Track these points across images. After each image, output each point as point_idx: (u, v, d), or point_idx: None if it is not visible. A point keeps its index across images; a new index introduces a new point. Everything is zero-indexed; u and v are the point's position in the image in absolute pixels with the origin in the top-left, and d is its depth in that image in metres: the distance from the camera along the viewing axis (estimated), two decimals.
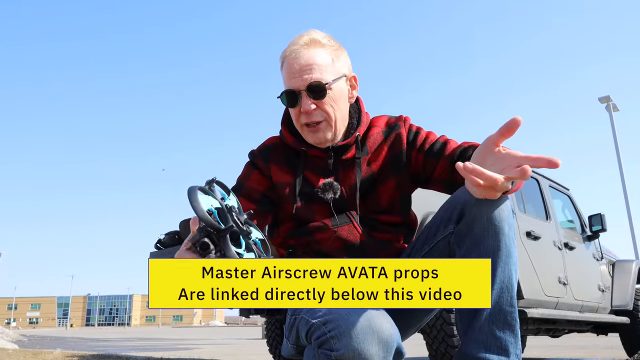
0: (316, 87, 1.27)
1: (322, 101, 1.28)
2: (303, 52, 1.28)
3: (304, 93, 1.27)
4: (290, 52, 1.29)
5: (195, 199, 0.88)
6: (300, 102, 1.28)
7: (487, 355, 1.11)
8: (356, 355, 0.96)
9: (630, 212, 14.03)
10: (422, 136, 1.37)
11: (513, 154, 1.02)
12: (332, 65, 1.30)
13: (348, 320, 0.98)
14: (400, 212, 1.37)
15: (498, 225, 1.13)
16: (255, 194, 1.34)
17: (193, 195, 0.89)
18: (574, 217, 4.61)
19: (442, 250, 1.21)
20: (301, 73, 1.27)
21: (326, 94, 1.28)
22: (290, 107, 1.31)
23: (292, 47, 1.30)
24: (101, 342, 13.29)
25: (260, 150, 1.41)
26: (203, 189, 0.95)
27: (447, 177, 1.31)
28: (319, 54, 1.29)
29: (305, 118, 1.30)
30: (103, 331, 39.73)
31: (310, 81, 1.27)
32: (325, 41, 1.32)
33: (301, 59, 1.28)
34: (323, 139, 1.31)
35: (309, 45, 1.30)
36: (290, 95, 1.29)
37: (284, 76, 1.32)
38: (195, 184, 0.94)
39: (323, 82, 1.27)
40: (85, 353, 5.89)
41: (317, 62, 1.28)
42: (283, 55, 1.32)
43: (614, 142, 14.93)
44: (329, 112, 1.30)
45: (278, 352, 4.17)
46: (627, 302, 4.51)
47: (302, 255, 1.34)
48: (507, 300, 1.13)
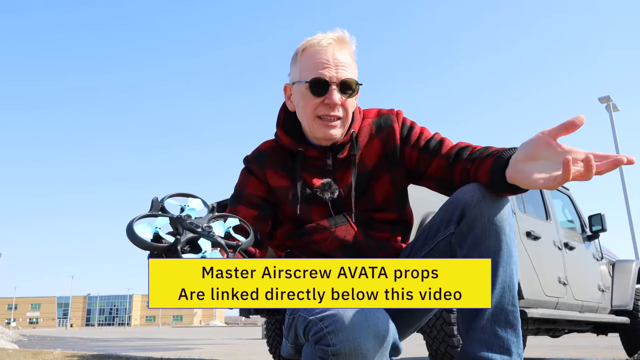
0: (350, 84, 1.28)
1: (347, 100, 1.29)
2: (337, 47, 1.29)
3: (335, 86, 1.27)
4: (323, 42, 1.29)
5: (131, 233, 0.89)
6: (328, 92, 1.27)
7: (490, 354, 1.11)
8: (352, 350, 0.97)
9: (630, 212, 14.04)
10: (416, 131, 1.36)
11: (576, 150, 1.00)
12: (355, 71, 1.33)
13: (344, 316, 0.99)
14: (396, 209, 1.37)
15: (499, 225, 1.14)
16: (256, 200, 1.33)
17: (129, 231, 0.89)
18: (574, 217, 4.61)
19: (442, 251, 1.21)
20: (337, 66, 1.27)
21: (354, 95, 1.30)
22: (315, 95, 1.28)
23: (327, 39, 1.29)
24: (101, 342, 13.29)
25: (254, 156, 1.39)
26: (147, 215, 0.95)
27: (442, 175, 1.31)
28: (349, 56, 1.32)
29: (324, 110, 1.28)
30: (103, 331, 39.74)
31: (347, 77, 1.28)
32: (353, 47, 1.34)
33: (337, 53, 1.29)
34: (333, 136, 1.30)
35: (342, 43, 1.31)
36: (321, 83, 1.27)
37: (310, 64, 1.29)
38: (136, 215, 0.94)
39: (357, 82, 1.30)
40: (85, 353, 5.89)
41: (349, 63, 1.30)
42: (308, 44, 1.31)
43: (614, 142, 14.94)
44: (348, 111, 1.31)
45: (278, 352, 4.17)
46: (627, 302, 4.51)
47: (300, 256, 1.34)
48: (508, 299, 1.13)
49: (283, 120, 1.40)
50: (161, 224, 0.95)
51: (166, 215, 0.96)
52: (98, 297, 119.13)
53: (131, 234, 0.89)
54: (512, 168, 1.08)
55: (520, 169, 1.06)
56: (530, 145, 1.05)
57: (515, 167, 1.07)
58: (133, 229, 0.90)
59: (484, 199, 1.14)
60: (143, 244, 0.89)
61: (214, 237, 0.95)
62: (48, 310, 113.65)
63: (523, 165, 1.06)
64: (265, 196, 1.34)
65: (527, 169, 1.05)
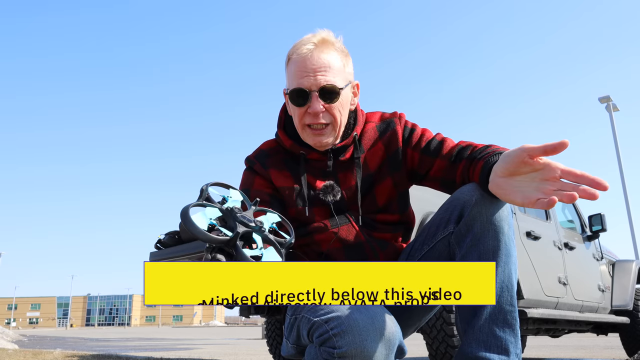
0: (330, 90, 1.25)
1: (332, 105, 1.27)
2: (317, 52, 1.26)
3: (315, 94, 1.25)
4: (302, 49, 1.26)
5: (190, 222, 0.85)
6: (309, 102, 1.26)
7: (488, 354, 1.11)
8: (359, 353, 0.97)
9: (630, 212, 14.03)
10: (417, 133, 1.36)
11: (553, 166, 0.98)
12: (343, 70, 1.29)
13: (350, 318, 0.98)
14: (398, 210, 1.37)
15: (498, 224, 1.14)
16: (266, 197, 1.31)
17: (186, 218, 0.86)
18: (574, 217, 4.61)
19: (441, 251, 1.21)
20: (315, 73, 1.24)
21: (338, 99, 1.27)
22: (297, 105, 1.27)
23: (304, 45, 1.27)
24: (101, 342, 13.29)
25: (256, 156, 1.38)
26: (198, 204, 0.92)
27: (444, 175, 1.31)
28: (333, 57, 1.27)
29: (310, 119, 1.27)
30: (103, 331, 39.73)
31: (325, 83, 1.25)
32: (337, 45, 1.30)
33: (315, 59, 1.25)
34: (325, 143, 1.30)
35: (323, 45, 1.27)
36: (301, 93, 1.26)
37: (292, 73, 1.28)
38: (189, 202, 0.91)
39: (337, 87, 1.26)
40: (85, 353, 5.89)
41: (332, 65, 1.26)
42: (292, 51, 1.29)
43: (614, 142, 14.93)
44: (336, 116, 1.28)
45: (278, 352, 4.16)
46: (627, 302, 4.51)
47: (302, 256, 1.34)
48: (507, 299, 1.13)
49: (284, 121, 1.39)
50: (212, 214, 0.91)
51: (215, 206, 0.93)
52: (98, 297, 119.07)
53: (191, 224, 0.86)
54: (492, 182, 1.09)
55: (500, 185, 1.06)
56: (510, 162, 1.04)
57: (495, 181, 1.08)
58: (191, 218, 0.86)
59: (482, 199, 1.14)
60: (204, 236, 0.86)
61: (264, 233, 0.94)
62: (48, 310, 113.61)
63: (502, 181, 1.06)
64: (273, 193, 1.33)
65: (506, 186, 1.05)
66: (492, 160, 1.11)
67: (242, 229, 0.91)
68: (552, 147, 0.96)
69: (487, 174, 1.11)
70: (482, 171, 1.13)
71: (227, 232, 0.89)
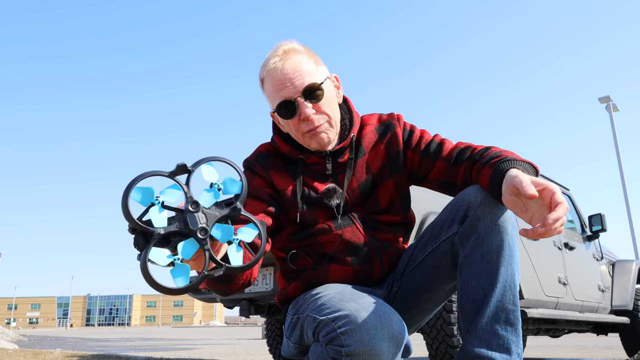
0: (311, 88, 1.26)
1: (320, 103, 1.27)
2: (286, 62, 1.27)
3: (301, 99, 1.25)
4: (270, 65, 1.27)
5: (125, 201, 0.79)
6: (299, 109, 1.26)
7: (490, 353, 1.11)
8: (367, 351, 0.97)
9: (630, 212, 14.04)
10: (416, 135, 1.37)
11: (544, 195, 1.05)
12: (315, 69, 1.30)
13: (358, 316, 0.99)
14: (400, 211, 1.37)
15: (502, 225, 1.14)
16: (264, 195, 1.31)
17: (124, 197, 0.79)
18: (574, 217, 4.61)
19: (445, 251, 1.22)
20: (292, 81, 1.25)
21: (323, 95, 1.28)
22: (288, 118, 1.27)
23: (272, 61, 1.28)
24: (101, 342, 13.29)
25: (255, 158, 1.37)
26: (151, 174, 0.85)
27: (444, 178, 1.32)
28: (301, 60, 1.28)
29: (306, 126, 1.27)
30: (103, 331, 39.73)
31: (305, 85, 1.25)
32: (301, 48, 1.31)
33: (287, 68, 1.26)
34: (327, 140, 1.30)
35: (288, 54, 1.28)
36: (288, 105, 1.26)
37: (270, 90, 1.29)
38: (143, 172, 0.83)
39: (317, 83, 1.26)
40: (85, 353, 5.88)
41: (303, 67, 1.27)
42: (264, 71, 1.29)
43: (614, 142, 14.94)
44: (327, 113, 1.29)
45: (278, 352, 4.17)
46: (627, 302, 4.51)
47: (305, 256, 1.33)
48: (509, 298, 1.14)
49: (278, 128, 1.39)
50: (169, 199, 0.84)
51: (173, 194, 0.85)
52: (98, 297, 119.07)
53: (124, 200, 0.80)
54: (504, 199, 1.11)
55: (509, 201, 1.10)
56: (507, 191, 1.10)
57: (505, 198, 1.11)
58: (129, 195, 0.80)
59: (487, 199, 1.15)
60: (127, 215, 0.80)
61: (206, 247, 0.85)
62: (48, 310, 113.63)
63: (511, 198, 1.10)
64: (272, 193, 1.33)
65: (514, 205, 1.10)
66: (504, 168, 1.13)
67: (174, 228, 0.83)
68: (524, 192, 1.03)
69: (498, 182, 1.13)
70: (492, 178, 1.15)
71: (162, 222, 0.82)
